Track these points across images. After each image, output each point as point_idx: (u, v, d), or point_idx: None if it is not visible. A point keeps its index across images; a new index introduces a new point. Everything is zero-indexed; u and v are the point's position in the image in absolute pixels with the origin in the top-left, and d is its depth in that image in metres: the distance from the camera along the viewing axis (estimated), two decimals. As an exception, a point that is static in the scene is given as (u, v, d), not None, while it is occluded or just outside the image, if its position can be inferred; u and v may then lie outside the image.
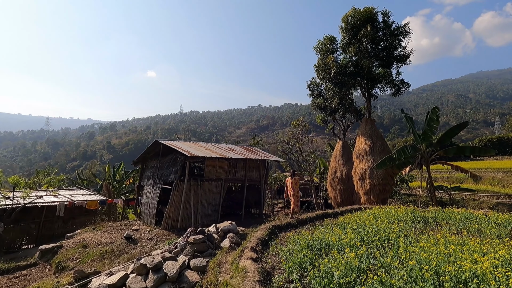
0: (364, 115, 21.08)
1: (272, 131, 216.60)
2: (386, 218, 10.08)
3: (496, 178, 35.03)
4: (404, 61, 18.44)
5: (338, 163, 26.06)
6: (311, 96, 22.03)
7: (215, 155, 13.67)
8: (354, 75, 18.62)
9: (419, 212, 11.16)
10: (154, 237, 11.95)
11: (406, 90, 19.82)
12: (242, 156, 15.15)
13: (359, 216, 10.77)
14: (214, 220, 14.57)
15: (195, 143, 16.17)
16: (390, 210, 11.80)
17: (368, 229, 8.14)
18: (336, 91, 18.90)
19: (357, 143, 19.70)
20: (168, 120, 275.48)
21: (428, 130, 15.83)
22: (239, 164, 15.92)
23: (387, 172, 17.87)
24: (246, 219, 16.16)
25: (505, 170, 34.16)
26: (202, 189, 14.01)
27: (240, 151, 16.58)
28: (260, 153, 18.08)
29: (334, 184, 25.99)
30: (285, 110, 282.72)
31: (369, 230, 8.02)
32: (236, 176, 15.68)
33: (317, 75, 19.95)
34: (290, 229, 9.67)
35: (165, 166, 14.37)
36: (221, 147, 16.45)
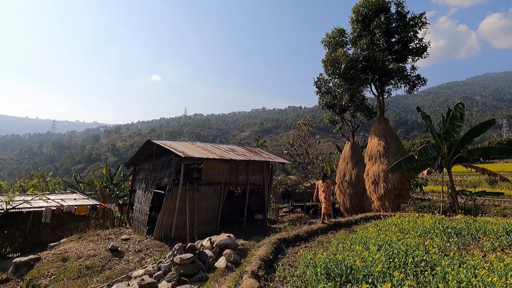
0: (376, 114, 19.55)
1: (276, 134, 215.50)
2: (412, 230, 8.55)
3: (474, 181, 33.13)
4: (420, 54, 16.90)
5: (347, 165, 24.48)
6: (318, 94, 20.58)
7: (214, 156, 12.27)
8: (366, 70, 17.13)
9: (448, 221, 9.59)
10: (144, 249, 10.54)
11: (422, 86, 18.26)
12: (244, 158, 13.74)
13: (379, 227, 9.24)
14: (213, 229, 13.14)
15: (192, 143, 14.82)
16: (413, 219, 10.26)
17: (396, 245, 6.60)
18: (346, 88, 17.41)
19: (369, 144, 18.16)
20: (173, 123, 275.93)
21: (450, 129, 14.25)
22: (241, 167, 14.50)
23: (403, 175, 16.30)
24: (249, 227, 14.69)
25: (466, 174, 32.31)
26: (199, 194, 12.62)
27: (242, 152, 15.17)
28: (264, 154, 16.65)
29: (342, 188, 24.37)
30: (289, 113, 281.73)
31: (397, 247, 6.49)
32: (237, 180, 14.26)
33: (325, 70, 18.49)
34: (299, 242, 8.20)
35: (158, 168, 13.02)
36: (221, 148, 15.07)
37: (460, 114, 13.32)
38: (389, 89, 18.84)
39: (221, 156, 12.57)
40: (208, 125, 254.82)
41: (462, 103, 13.19)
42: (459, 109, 13.31)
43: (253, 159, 14.12)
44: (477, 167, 14.35)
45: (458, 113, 13.36)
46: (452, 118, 13.76)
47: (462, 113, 13.24)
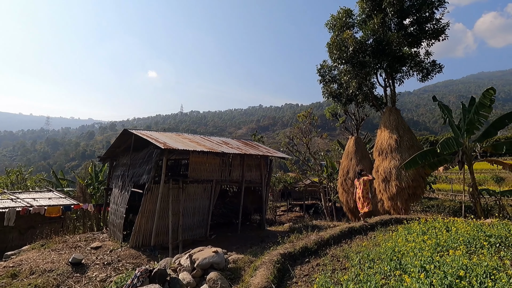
0: (385, 104, 17.72)
1: (273, 131, 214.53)
2: (450, 241, 6.73)
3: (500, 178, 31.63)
4: (438, 36, 15.02)
5: (350, 162, 22.64)
6: (322, 83, 18.66)
7: (202, 149, 10.32)
8: (376, 54, 15.24)
9: (488, 228, 7.76)
10: (114, 261, 8.60)
11: (438, 73, 16.43)
12: (239, 151, 11.82)
13: (405, 236, 7.37)
14: (202, 234, 11.23)
15: (179, 134, 12.86)
16: (444, 225, 8.43)
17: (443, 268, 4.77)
18: (354, 74, 15.51)
19: (378, 137, 16.31)
20: (169, 120, 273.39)
21: (476, 120, 12.43)
22: (235, 162, 12.58)
23: (418, 172, 14.49)
24: (244, 231, 12.81)
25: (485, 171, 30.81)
26: (186, 193, 10.69)
27: (236, 145, 13.24)
28: (262, 148, 14.74)
29: (346, 186, 22.55)
30: (286, 111, 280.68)
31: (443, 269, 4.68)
32: (231, 177, 12.35)
33: (330, 55, 16.56)
34: (308, 257, 6.33)
35: (138, 163, 11.05)
36: (212, 140, 13.13)
37: (490, 101, 11.49)
38: (401, 76, 17.01)
39: (211, 149, 10.63)
40: (205, 122, 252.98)
41: (493, 88, 11.35)
42: (489, 95, 11.46)
43: (249, 153, 12.20)
44: (505, 163, 12.57)
45: (488, 101, 11.53)
46: (479, 107, 11.93)
47: (493, 100, 11.41)
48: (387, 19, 15.16)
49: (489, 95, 11.40)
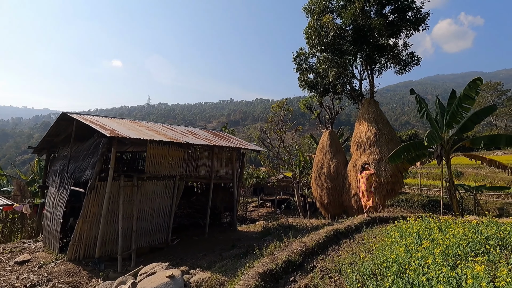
0: (363, 96, 17.01)
1: (244, 126, 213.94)
2: (455, 246, 5.81)
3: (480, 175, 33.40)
4: (419, 25, 14.44)
5: (325, 156, 21.92)
6: (298, 71, 17.48)
7: (161, 138, 8.54)
8: (357, 42, 14.33)
9: (484, 228, 7.05)
10: (42, 281, 6.62)
11: (415, 65, 15.98)
12: (207, 142, 10.18)
13: (402, 242, 6.36)
14: (162, 240, 9.51)
15: (135, 121, 10.87)
16: (437, 226, 7.61)
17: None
18: (334, 62, 14.48)
19: (357, 130, 15.54)
20: (135, 112, 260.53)
21: (458, 112, 11.95)
22: (203, 155, 10.93)
23: (397, 167, 13.91)
24: (213, 234, 11.26)
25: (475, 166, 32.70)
26: (142, 192, 8.87)
27: (205, 136, 11.57)
28: (234, 140, 13.20)
29: (320, 181, 21.81)
30: (257, 105, 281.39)
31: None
32: (197, 172, 10.69)
33: (308, 41, 15.37)
34: (293, 275, 4.99)
35: (81, 156, 8.98)
36: (176, 130, 11.33)
37: (476, 93, 10.98)
38: (379, 68, 16.37)
39: (172, 139, 8.86)
40: (173, 115, 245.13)
41: (480, 78, 10.83)
42: (475, 86, 10.93)
43: (219, 144, 10.61)
44: (483, 157, 12.30)
45: (473, 92, 11.01)
46: (463, 98, 11.41)
47: (478, 92, 10.92)
48: (366, 7, 14.26)
49: (475, 86, 10.88)
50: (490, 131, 57.38)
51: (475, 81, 10.80)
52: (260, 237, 10.87)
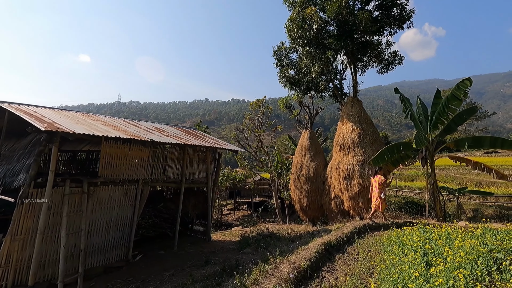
0: (345, 95, 16.35)
1: (219, 126, 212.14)
2: (468, 266, 4.92)
3: (449, 176, 34.59)
4: (404, 22, 13.96)
5: (304, 157, 21.10)
6: (278, 67, 16.45)
7: (119, 135, 7.01)
8: (341, 37, 13.56)
9: (490, 239, 6.36)
10: None
11: (398, 64, 15.58)
12: (177, 141, 8.74)
13: (401, 258, 5.42)
14: (121, 257, 7.93)
15: (89, 114, 9.10)
16: (435, 235, 6.83)
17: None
18: (317, 57, 13.58)
19: (340, 130, 14.78)
20: (104, 109, 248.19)
21: (444, 113, 11.53)
22: (172, 155, 9.45)
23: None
24: (183, 247, 9.80)
25: (442, 167, 33.90)
26: (95, 200, 7.26)
27: (175, 134, 10.08)
28: (209, 138, 11.81)
29: (299, 183, 20.95)
30: (232, 106, 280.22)
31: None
32: (166, 175, 9.20)
33: (290, 35, 14.36)
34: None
35: (15, 156, 7.18)
36: (140, 125, 9.75)
37: (464, 94, 10.54)
38: (362, 66, 15.78)
39: (133, 136, 7.34)
40: (145, 114, 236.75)
41: (470, 78, 10.40)
42: (464, 86, 10.47)
43: (191, 143, 9.19)
44: (468, 160, 11.96)
45: (462, 93, 10.56)
46: (451, 99, 10.96)
47: (467, 93, 10.48)
48: (350, 1, 13.54)
49: (464, 86, 10.42)
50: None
51: (464, 82, 10.38)
52: (238, 248, 9.60)
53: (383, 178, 8.89)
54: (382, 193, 8.73)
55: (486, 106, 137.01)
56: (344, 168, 13.58)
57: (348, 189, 13.47)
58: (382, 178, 8.86)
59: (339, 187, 14.05)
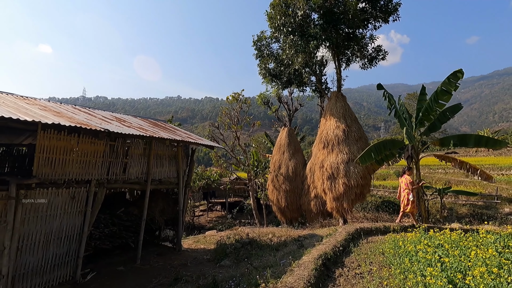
0: (328, 90, 15.56)
1: (192, 124, 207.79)
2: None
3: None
4: (389, 16, 13.39)
5: (283, 155, 20.16)
6: (258, 58, 15.25)
7: (63, 122, 5.37)
8: (326, 28, 12.67)
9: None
10: None
11: (382, 60, 15.07)
12: (142, 133, 7.20)
13: (416, 275, 4.43)
14: (65, 277, 6.25)
15: (25, 98, 7.19)
16: (444, 242, 6.02)
17: None
18: (301, 47, 12.55)
19: (323, 127, 13.90)
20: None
21: (432, 109, 11.02)
22: (136, 150, 7.88)
23: (367, 168, 12.59)
24: (148, 259, 8.25)
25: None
26: (28, 207, 5.57)
27: (139, 125, 8.47)
28: (180, 132, 10.29)
29: (277, 183, 19.98)
30: (206, 104, 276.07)
31: None
32: (127, 175, 7.61)
33: (272, 23, 13.20)
34: None
35: None
36: (95, 113, 8.03)
37: (455, 87, 10.01)
38: (345, 60, 15.07)
39: (82, 124, 5.73)
40: (113, 110, 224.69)
41: (461, 70, 9.85)
42: (455, 79, 9.94)
43: (159, 136, 7.69)
44: (454, 159, 11.59)
45: (453, 86, 10.01)
46: (440, 94, 10.43)
47: (458, 86, 9.97)
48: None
49: (456, 79, 9.84)
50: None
51: (455, 74, 9.82)
52: (214, 259, 8.26)
53: (410, 178, 8.28)
54: (410, 195, 8.09)
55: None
56: (329, 167, 12.71)
57: (332, 189, 12.62)
58: (409, 178, 8.28)
59: (323, 187, 13.17)
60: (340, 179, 12.36)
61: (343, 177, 12.23)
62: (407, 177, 8.31)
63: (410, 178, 8.28)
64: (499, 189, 21.56)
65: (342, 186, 12.29)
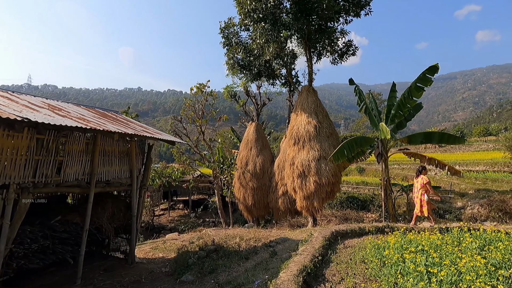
0: (299, 83, 14.95)
1: (153, 118, 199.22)
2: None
3: (379, 170, 37.24)
4: (361, 9, 13.06)
5: (250, 152, 19.38)
6: (226, 46, 14.10)
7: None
8: (299, 18, 11.96)
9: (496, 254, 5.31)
10: None
11: (352, 55, 14.82)
12: (83, 124, 5.77)
13: None
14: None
15: None
16: (427, 246, 5.62)
17: None
18: (273, 36, 11.68)
19: (294, 122, 13.26)
20: (9, 92, 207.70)
21: (405, 106, 10.89)
22: (75, 146, 6.40)
23: (338, 166, 12.23)
24: (92, 276, 6.84)
25: (368, 163, 36.96)
26: None
27: (80, 115, 6.92)
28: (135, 125, 8.83)
29: (244, 180, 19.20)
30: (169, 97, 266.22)
31: None
32: (63, 176, 6.14)
33: (241, 8, 12.14)
34: None
35: None
36: (19, 99, 6.33)
37: (430, 82, 9.89)
38: (316, 54, 14.58)
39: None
40: (64, 100, 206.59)
41: (437, 65, 9.70)
42: (431, 74, 9.77)
43: (107, 129, 6.29)
44: (423, 155, 11.65)
45: (429, 82, 9.88)
46: (414, 90, 10.28)
47: (432, 81, 9.85)
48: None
49: (432, 73, 9.72)
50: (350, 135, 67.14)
51: (431, 69, 9.67)
52: (174, 273, 7.11)
53: (427, 178, 8.00)
54: (425, 195, 7.89)
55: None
56: (300, 164, 12.11)
57: (303, 187, 12.07)
58: (426, 178, 8.01)
59: (293, 185, 12.57)
60: (311, 177, 11.83)
61: (314, 175, 11.73)
62: (423, 177, 8.07)
63: (427, 178, 8.07)
64: (451, 184, 22.99)
65: (313, 184, 11.78)
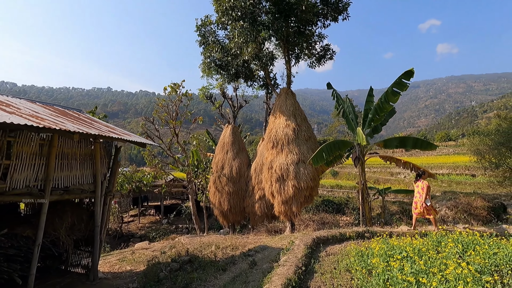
0: (277, 85, 14.72)
1: (124, 119, 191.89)
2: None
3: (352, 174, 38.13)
4: (339, 14, 13.13)
5: (226, 155, 18.83)
6: (202, 45, 13.53)
7: None
8: (279, 18, 11.73)
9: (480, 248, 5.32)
10: None
11: (329, 60, 14.88)
12: (34, 123, 4.97)
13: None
14: None
15: None
16: (411, 252, 5.50)
17: None
18: (252, 35, 11.32)
19: (272, 125, 12.95)
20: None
21: (382, 110, 10.98)
22: (26, 147, 5.55)
23: (316, 170, 12.08)
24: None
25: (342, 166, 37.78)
26: None
27: (32, 112, 6.04)
28: (101, 125, 7.99)
29: (220, 184, 18.60)
30: (141, 98, 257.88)
31: None
32: (8, 183, 5.27)
33: (218, 6, 11.66)
34: None
35: None
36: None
37: (406, 87, 10.01)
38: (294, 56, 14.46)
39: None
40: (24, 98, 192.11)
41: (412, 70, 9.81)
42: (407, 78, 9.87)
43: (65, 129, 5.50)
44: (398, 159, 11.82)
45: (405, 86, 9.98)
46: (390, 95, 10.38)
47: (407, 86, 9.98)
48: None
49: (407, 78, 9.84)
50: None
51: (407, 73, 9.79)
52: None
53: (427, 183, 8.03)
54: (427, 200, 7.86)
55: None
56: (278, 168, 11.79)
57: (281, 192, 11.75)
58: (426, 182, 8.04)
59: (271, 190, 12.21)
60: (289, 181, 11.55)
61: (293, 179, 11.46)
62: (424, 182, 8.12)
63: (427, 182, 8.12)
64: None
65: (291, 189, 11.50)
